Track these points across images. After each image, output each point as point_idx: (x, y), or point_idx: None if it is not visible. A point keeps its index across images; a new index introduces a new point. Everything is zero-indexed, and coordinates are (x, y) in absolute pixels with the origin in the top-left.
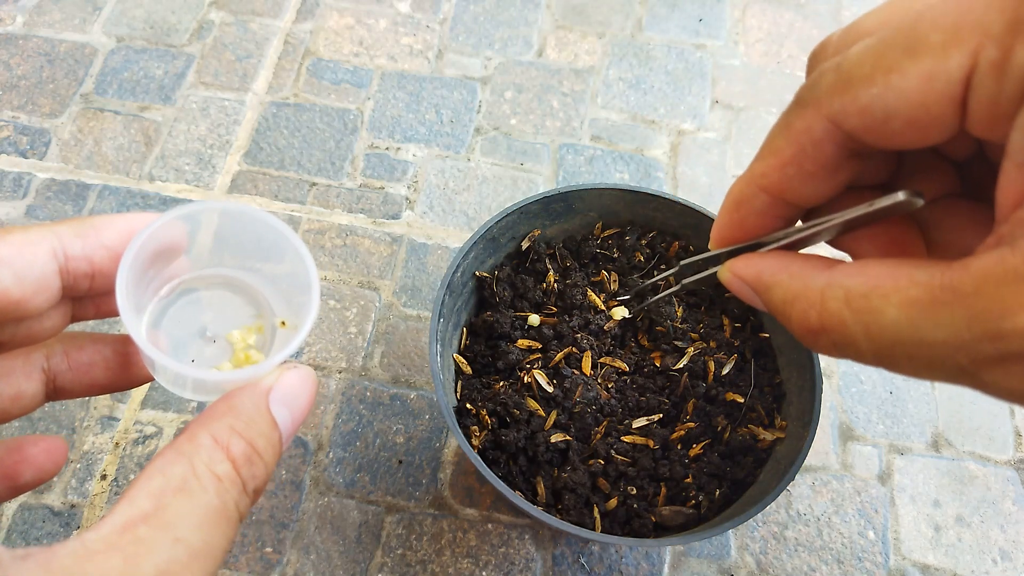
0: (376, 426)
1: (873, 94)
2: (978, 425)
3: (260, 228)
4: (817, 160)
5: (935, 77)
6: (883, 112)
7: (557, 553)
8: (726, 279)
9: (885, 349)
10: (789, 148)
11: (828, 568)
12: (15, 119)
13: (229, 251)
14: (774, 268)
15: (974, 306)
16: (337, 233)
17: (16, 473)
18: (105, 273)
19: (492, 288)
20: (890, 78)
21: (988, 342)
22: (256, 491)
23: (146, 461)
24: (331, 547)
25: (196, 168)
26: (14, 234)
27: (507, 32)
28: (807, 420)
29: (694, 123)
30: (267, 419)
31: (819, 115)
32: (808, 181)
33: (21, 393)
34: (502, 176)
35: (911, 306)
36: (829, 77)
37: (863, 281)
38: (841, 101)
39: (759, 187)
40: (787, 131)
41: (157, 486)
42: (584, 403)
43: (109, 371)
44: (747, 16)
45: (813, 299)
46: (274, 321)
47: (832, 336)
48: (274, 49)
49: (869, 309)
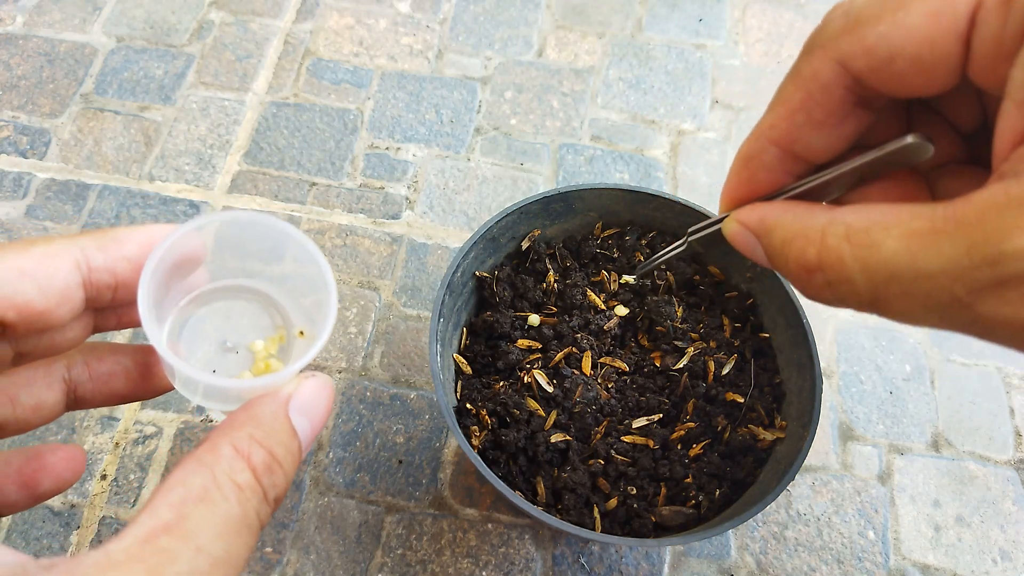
0: (376, 426)
1: (879, 32)
2: (978, 425)
3: (277, 237)
4: (825, 105)
5: (941, 13)
6: (889, 50)
7: (557, 553)
8: (730, 229)
9: (881, 284)
10: (797, 94)
11: (828, 568)
12: (15, 119)
13: (238, 258)
14: (778, 211)
15: (975, 233)
16: (337, 233)
17: (35, 482)
18: (127, 284)
19: (492, 288)
20: (897, 15)
21: (987, 267)
22: (276, 500)
23: (146, 461)
24: (331, 547)
25: (196, 168)
26: (37, 246)
27: (507, 32)
28: (807, 420)
29: (694, 123)
30: (287, 428)
31: (827, 57)
32: (817, 130)
33: (42, 403)
34: (502, 176)
35: (911, 237)
36: (838, 21)
37: (865, 216)
38: (848, 41)
39: (768, 140)
40: (796, 78)
41: (178, 496)
42: (584, 403)
43: (129, 381)
44: (747, 16)
45: (813, 236)
46: (293, 331)
47: (828, 273)
48: (274, 49)
49: (869, 243)
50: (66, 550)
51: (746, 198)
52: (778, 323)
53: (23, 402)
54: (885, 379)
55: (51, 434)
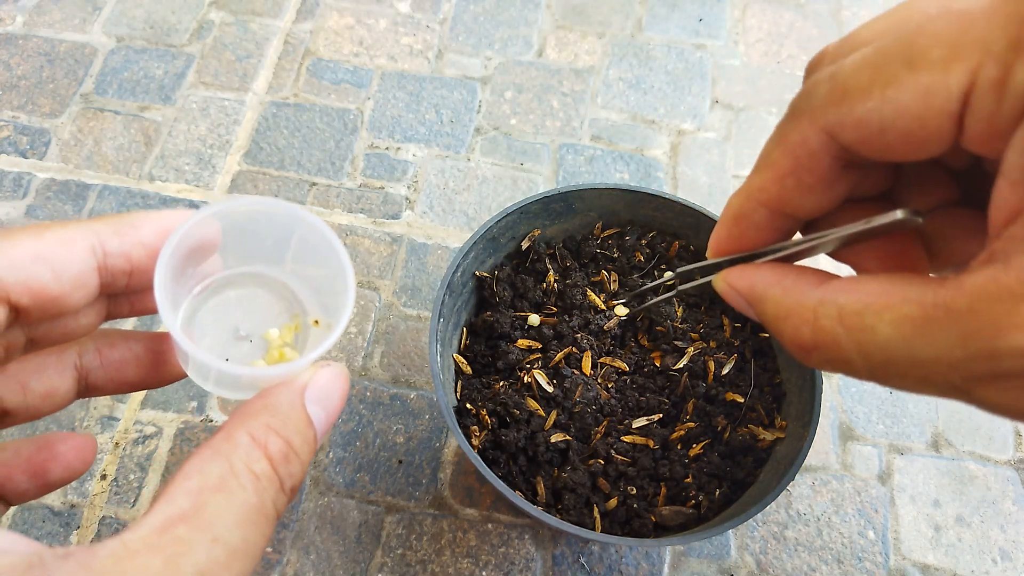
0: (376, 426)
1: (869, 107)
2: (978, 425)
3: (297, 226)
4: (814, 172)
5: (934, 92)
6: (879, 125)
7: (557, 553)
8: (721, 288)
9: (879, 366)
10: (785, 160)
11: (828, 568)
12: (15, 119)
13: (253, 246)
14: (768, 281)
15: (967, 324)
16: (337, 233)
17: (45, 471)
18: (143, 270)
19: (492, 288)
20: (887, 91)
21: (982, 361)
22: (293, 489)
23: (146, 461)
24: (331, 547)
25: (196, 168)
26: (52, 230)
27: (507, 32)
28: (807, 420)
29: (694, 123)
30: (303, 417)
31: (814, 126)
32: (806, 193)
33: (54, 390)
34: (502, 176)
35: (904, 324)
36: (824, 87)
37: (856, 298)
38: (837, 112)
39: (758, 202)
40: (783, 143)
41: (195, 485)
42: (584, 403)
43: (141, 368)
44: (747, 16)
45: (806, 316)
46: (307, 320)
47: (825, 353)
48: (274, 49)
49: (862, 327)
50: None
51: (735, 251)
52: None
53: (34, 389)
54: None
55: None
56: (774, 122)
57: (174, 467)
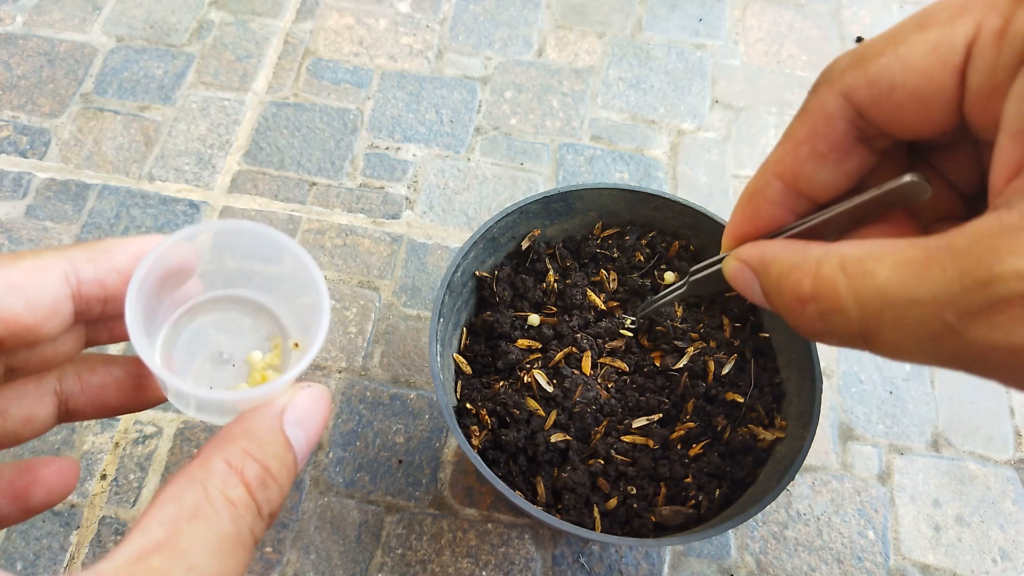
0: (376, 426)
1: (881, 64)
2: (978, 425)
3: (270, 245)
4: (828, 137)
5: (939, 46)
6: (890, 81)
7: (557, 553)
8: (729, 267)
9: (873, 313)
10: (803, 128)
11: (828, 568)
12: (15, 119)
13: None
14: (777, 247)
15: (966, 259)
16: (337, 233)
17: (27, 495)
18: (118, 297)
19: (492, 288)
20: (899, 49)
21: (977, 290)
22: (271, 515)
23: (146, 461)
24: (331, 547)
25: (196, 168)
26: (25, 259)
27: (507, 32)
28: (807, 420)
29: (694, 123)
30: (281, 441)
31: (832, 91)
32: (820, 163)
33: (33, 416)
34: (502, 176)
35: (905, 265)
36: (845, 59)
37: (860, 248)
38: (853, 75)
39: (773, 174)
40: (802, 114)
41: (170, 514)
42: (584, 403)
43: (121, 393)
44: (747, 16)
45: (808, 267)
46: (288, 343)
47: (821, 303)
48: (274, 49)
49: (863, 272)
50: (66, 550)
51: (750, 235)
52: (778, 323)
53: (13, 415)
54: (885, 379)
55: (51, 434)
56: (774, 122)
57: (174, 467)
